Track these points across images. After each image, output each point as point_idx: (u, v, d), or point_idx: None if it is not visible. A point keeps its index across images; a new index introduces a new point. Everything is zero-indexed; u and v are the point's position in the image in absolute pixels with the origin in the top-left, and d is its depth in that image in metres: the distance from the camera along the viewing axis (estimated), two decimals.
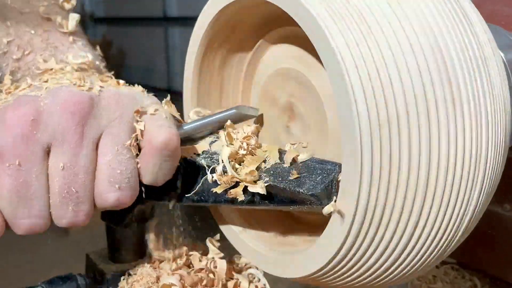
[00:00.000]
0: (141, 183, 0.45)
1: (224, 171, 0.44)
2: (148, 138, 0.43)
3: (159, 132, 0.43)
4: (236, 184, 0.43)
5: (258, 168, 0.44)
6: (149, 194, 0.51)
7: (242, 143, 0.44)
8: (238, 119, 0.49)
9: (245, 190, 0.43)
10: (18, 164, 0.40)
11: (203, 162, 0.47)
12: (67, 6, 0.57)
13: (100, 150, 0.42)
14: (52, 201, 0.42)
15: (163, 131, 0.43)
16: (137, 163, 0.44)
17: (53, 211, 0.42)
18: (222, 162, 0.44)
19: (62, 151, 0.41)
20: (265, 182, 0.42)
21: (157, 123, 0.44)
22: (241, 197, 0.43)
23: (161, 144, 0.43)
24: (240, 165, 0.44)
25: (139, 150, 0.44)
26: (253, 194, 0.43)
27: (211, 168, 0.45)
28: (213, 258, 0.53)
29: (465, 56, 0.38)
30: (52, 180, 0.41)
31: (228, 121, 0.48)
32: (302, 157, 0.43)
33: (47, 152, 0.41)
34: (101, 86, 0.45)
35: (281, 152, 0.45)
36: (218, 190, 0.44)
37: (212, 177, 0.44)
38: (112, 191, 0.43)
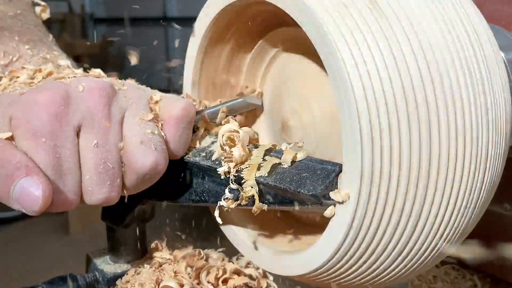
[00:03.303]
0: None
1: (233, 191, 0.44)
2: (167, 110, 0.46)
3: (177, 103, 0.47)
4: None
5: (258, 168, 0.44)
6: (149, 194, 0.51)
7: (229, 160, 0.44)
8: (244, 107, 0.54)
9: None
10: (53, 140, 0.42)
11: (203, 162, 0.47)
12: (44, 16, 0.59)
13: (124, 126, 0.45)
14: (89, 177, 0.43)
15: (180, 102, 0.47)
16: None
17: (89, 187, 0.43)
18: (232, 184, 0.44)
19: (92, 130, 0.43)
20: (265, 183, 0.42)
21: (172, 99, 0.48)
22: (265, 207, 0.43)
23: (181, 112, 0.46)
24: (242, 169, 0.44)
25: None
26: (253, 195, 0.43)
27: (223, 197, 0.44)
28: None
29: (465, 56, 0.38)
30: (85, 158, 0.43)
31: (226, 124, 0.48)
32: (299, 156, 0.43)
33: (77, 132, 0.43)
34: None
35: (276, 151, 0.45)
36: (231, 207, 0.44)
37: (226, 200, 0.44)
38: (150, 153, 0.44)
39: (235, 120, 0.50)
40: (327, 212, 0.39)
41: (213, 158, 0.46)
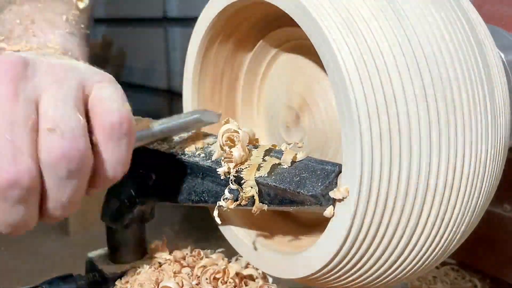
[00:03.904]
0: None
1: (232, 191, 0.44)
2: (99, 112, 0.41)
3: (113, 105, 0.41)
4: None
5: (258, 168, 0.44)
6: (149, 194, 0.51)
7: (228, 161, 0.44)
8: (199, 123, 0.51)
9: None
10: None
11: (202, 162, 0.47)
12: (81, 5, 0.58)
13: (39, 106, 0.39)
14: None
15: (116, 104, 0.41)
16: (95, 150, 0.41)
17: None
18: (232, 184, 0.43)
19: None
20: (265, 184, 0.42)
21: (111, 97, 0.41)
22: (265, 207, 0.43)
23: (116, 120, 0.40)
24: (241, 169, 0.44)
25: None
26: (253, 195, 0.43)
27: (223, 197, 0.44)
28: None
29: (464, 57, 0.38)
30: None
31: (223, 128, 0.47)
32: (299, 157, 0.43)
33: None
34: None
35: (276, 151, 0.45)
36: (230, 208, 0.44)
37: (225, 200, 0.44)
38: (55, 140, 0.38)
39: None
40: (327, 213, 0.39)
41: (213, 158, 0.46)
